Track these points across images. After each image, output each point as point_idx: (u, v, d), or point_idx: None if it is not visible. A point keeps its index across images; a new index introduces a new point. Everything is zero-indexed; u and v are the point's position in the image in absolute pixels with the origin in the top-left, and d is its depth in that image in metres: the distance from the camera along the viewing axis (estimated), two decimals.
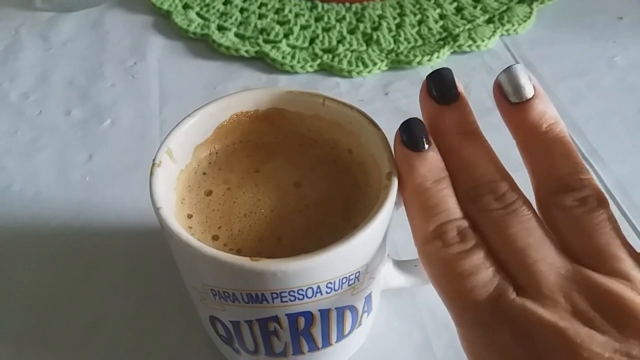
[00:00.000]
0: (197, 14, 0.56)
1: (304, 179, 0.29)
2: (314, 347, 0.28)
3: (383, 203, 0.25)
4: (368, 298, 0.28)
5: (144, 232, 0.39)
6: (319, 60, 0.51)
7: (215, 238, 0.26)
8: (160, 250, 0.37)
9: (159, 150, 0.27)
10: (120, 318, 0.34)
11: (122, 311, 0.35)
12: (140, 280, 0.36)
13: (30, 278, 0.37)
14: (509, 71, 0.26)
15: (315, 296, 0.24)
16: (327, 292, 0.25)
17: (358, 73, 0.50)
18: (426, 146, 0.26)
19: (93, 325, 0.34)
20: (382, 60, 0.51)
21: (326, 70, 0.51)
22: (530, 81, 0.26)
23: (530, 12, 0.56)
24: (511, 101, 0.26)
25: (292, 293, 0.24)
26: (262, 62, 0.52)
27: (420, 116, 0.28)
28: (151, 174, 0.26)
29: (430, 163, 0.25)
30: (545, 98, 0.26)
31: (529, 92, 0.25)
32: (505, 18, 0.55)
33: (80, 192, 0.41)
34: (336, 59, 0.51)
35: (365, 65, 0.50)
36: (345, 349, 0.31)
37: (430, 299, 0.35)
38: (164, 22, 0.57)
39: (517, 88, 0.26)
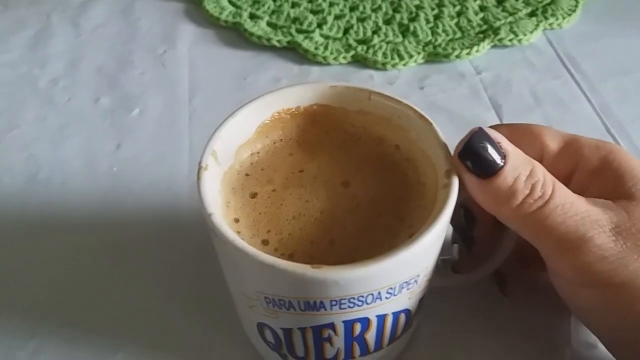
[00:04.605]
0: (229, 1, 0.55)
1: (351, 177, 0.28)
2: (365, 352, 0.27)
3: (445, 203, 0.24)
4: (422, 300, 0.27)
5: (170, 225, 0.38)
6: (352, 52, 0.49)
7: (265, 242, 0.25)
8: (185, 244, 0.37)
9: (205, 153, 0.26)
10: (144, 311, 0.34)
11: (146, 304, 0.34)
12: (165, 273, 0.36)
13: (53, 268, 0.36)
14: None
15: (375, 302, 0.24)
16: (386, 298, 0.24)
17: (393, 66, 0.49)
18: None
19: (116, 318, 0.34)
20: (418, 53, 0.49)
21: (360, 62, 0.50)
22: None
23: (576, 5, 0.53)
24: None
25: (352, 300, 0.23)
26: (294, 53, 0.51)
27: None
28: (198, 177, 0.25)
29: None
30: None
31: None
32: (549, 11, 0.52)
33: (107, 182, 0.41)
34: (371, 51, 0.49)
35: (401, 58, 0.49)
36: (394, 350, 0.30)
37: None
38: (195, 10, 0.56)
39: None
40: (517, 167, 0.24)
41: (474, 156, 0.24)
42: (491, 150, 0.24)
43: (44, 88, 0.48)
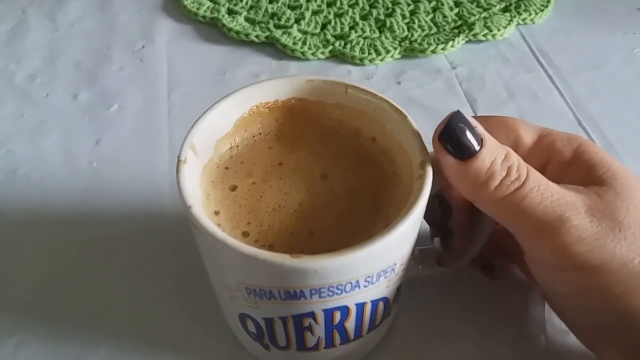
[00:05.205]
0: None
1: (330, 170, 0.28)
2: (345, 340, 0.28)
3: (419, 194, 0.24)
4: (399, 288, 0.28)
5: (151, 220, 0.38)
6: (330, 47, 0.50)
7: (245, 234, 0.26)
8: (165, 238, 0.37)
9: (183, 146, 0.26)
10: (125, 305, 0.34)
11: (127, 299, 0.34)
12: (146, 267, 0.36)
13: (33, 264, 0.36)
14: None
15: (354, 290, 0.24)
16: (364, 286, 0.24)
17: (370, 61, 0.49)
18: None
19: (97, 313, 0.34)
20: (395, 48, 0.50)
21: (338, 57, 0.50)
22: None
23: (548, 1, 0.54)
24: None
25: (331, 289, 0.24)
26: (273, 48, 0.51)
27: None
28: (177, 171, 0.26)
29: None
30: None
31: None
32: (522, 7, 0.53)
33: (87, 178, 0.41)
34: (348, 46, 0.50)
35: (378, 53, 0.49)
36: (374, 338, 0.31)
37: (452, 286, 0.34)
38: (174, 5, 0.56)
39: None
40: (494, 151, 0.25)
41: (453, 136, 0.25)
42: (469, 133, 0.25)
43: (21, 84, 0.48)
